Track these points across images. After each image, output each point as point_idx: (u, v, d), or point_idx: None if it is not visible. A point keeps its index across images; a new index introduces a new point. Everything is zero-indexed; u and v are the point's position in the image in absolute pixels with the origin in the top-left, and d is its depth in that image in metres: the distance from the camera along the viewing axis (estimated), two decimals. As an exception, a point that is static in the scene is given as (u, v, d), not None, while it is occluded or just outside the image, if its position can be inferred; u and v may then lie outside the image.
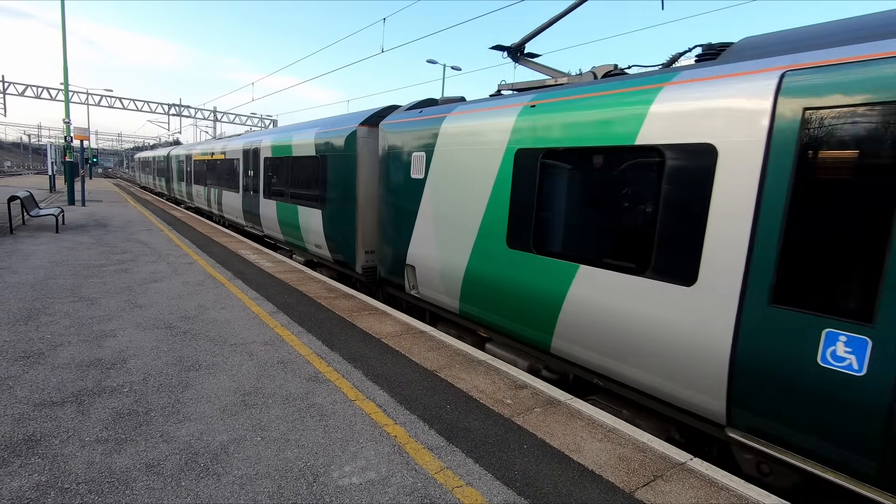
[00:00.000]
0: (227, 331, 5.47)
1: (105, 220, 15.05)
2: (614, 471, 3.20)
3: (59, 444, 3.10)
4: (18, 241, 10.27)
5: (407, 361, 4.90)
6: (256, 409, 3.73)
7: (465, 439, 3.49)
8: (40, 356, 4.43)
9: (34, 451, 3.00)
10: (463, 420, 3.77)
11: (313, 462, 3.09)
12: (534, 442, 3.51)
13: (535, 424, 3.77)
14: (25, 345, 4.66)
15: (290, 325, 5.81)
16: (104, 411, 3.54)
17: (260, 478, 2.89)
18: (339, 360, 4.81)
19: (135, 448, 3.11)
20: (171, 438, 3.25)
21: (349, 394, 4.09)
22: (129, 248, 10.42)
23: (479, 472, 3.09)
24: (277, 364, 4.62)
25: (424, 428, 3.61)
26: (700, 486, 3.07)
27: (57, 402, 3.63)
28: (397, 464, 3.13)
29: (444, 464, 3.16)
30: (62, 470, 2.84)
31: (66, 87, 19.07)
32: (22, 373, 4.07)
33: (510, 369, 4.86)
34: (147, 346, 4.84)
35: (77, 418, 3.42)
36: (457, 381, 4.50)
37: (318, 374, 4.45)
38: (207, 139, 25.40)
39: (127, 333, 5.17)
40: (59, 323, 5.34)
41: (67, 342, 4.81)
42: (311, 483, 2.88)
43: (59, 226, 12.57)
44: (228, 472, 2.92)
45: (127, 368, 4.30)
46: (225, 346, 4.98)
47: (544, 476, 3.10)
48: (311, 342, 5.28)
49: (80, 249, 9.84)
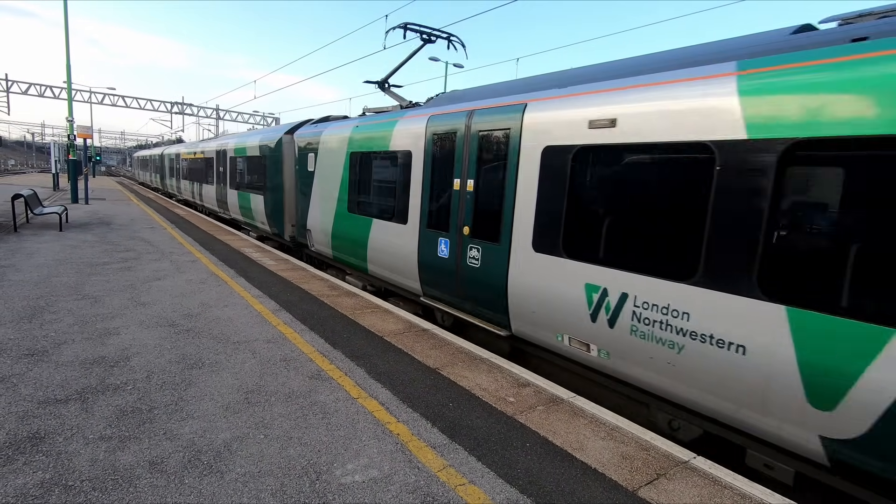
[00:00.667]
0: (229, 329, 5.48)
1: (108, 219, 15.09)
2: (617, 469, 3.20)
3: (63, 441, 3.11)
4: (22, 240, 10.31)
5: (409, 359, 4.90)
6: (259, 406, 3.74)
7: (467, 437, 3.48)
8: (44, 354, 4.45)
9: (38, 448, 3.02)
10: (465, 418, 3.77)
11: (316, 460, 3.09)
12: (536, 440, 3.50)
13: (537, 422, 3.76)
14: (29, 342, 4.68)
15: (293, 323, 5.82)
16: (108, 409, 3.55)
17: (263, 475, 2.90)
18: (342, 358, 4.82)
19: (138, 445, 3.12)
20: (174, 436, 3.25)
21: (352, 392, 4.10)
22: (132, 246, 10.45)
23: (481, 471, 3.09)
24: (280, 362, 4.63)
25: (427, 426, 3.61)
26: (703, 485, 3.07)
27: (61, 399, 3.64)
28: (400, 462, 3.14)
29: (446, 462, 3.16)
30: (66, 467, 2.85)
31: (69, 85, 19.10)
32: (26, 370, 4.08)
33: (513, 367, 4.86)
34: (150, 344, 4.85)
35: (81, 416, 3.43)
36: (459, 378, 4.49)
37: (320, 372, 4.45)
38: (194, 141, 29.36)
39: (130, 331, 5.18)
40: (63, 321, 5.36)
41: (71, 340, 4.83)
42: (313, 481, 2.88)
43: (63, 224, 12.61)
44: (231, 470, 2.93)
45: (130, 366, 4.31)
46: (228, 344, 4.99)
47: (547, 474, 3.10)
48: (313, 340, 5.29)
49: (84, 247, 9.88)
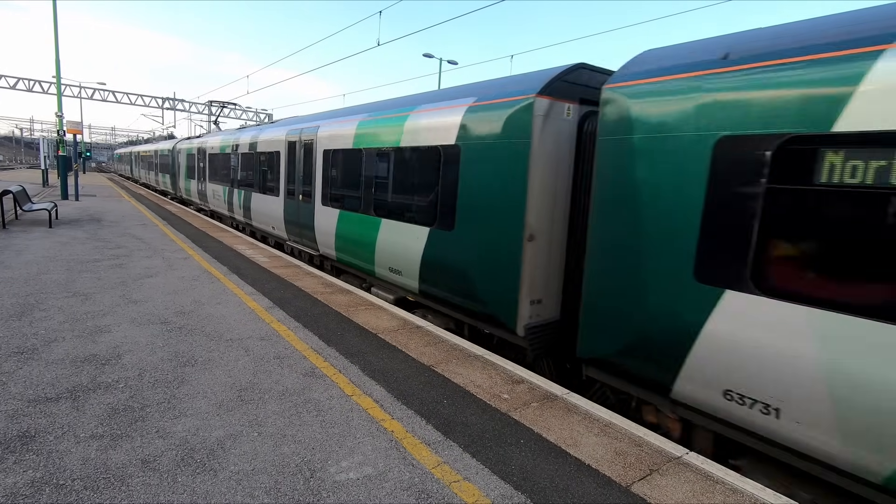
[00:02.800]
0: (222, 326, 5.45)
1: (99, 215, 14.94)
2: (611, 465, 3.22)
3: (54, 440, 3.08)
4: (11, 236, 10.18)
5: (404, 356, 4.89)
6: (253, 404, 3.72)
7: (462, 434, 3.49)
8: (34, 352, 4.40)
9: (29, 447, 2.98)
10: (460, 415, 3.77)
11: (310, 457, 3.09)
12: (531, 436, 3.52)
13: (532, 419, 3.78)
14: (19, 340, 4.63)
15: (287, 321, 5.80)
16: (99, 407, 3.52)
17: (257, 473, 2.89)
18: (336, 356, 4.81)
19: (130, 444, 3.09)
20: (166, 434, 3.23)
21: (346, 389, 4.09)
22: (123, 242, 10.35)
23: (476, 467, 3.10)
24: (274, 359, 4.61)
25: (422, 423, 3.62)
26: (696, 480, 3.09)
27: (52, 398, 3.61)
28: (394, 459, 3.14)
29: (441, 458, 3.17)
30: (57, 466, 2.82)
31: (58, 79, 18.83)
32: (16, 369, 4.04)
33: (507, 364, 4.87)
34: (142, 342, 4.81)
35: (72, 414, 3.40)
36: (454, 375, 4.50)
37: (314, 370, 4.44)
38: (158, 138, 40.65)
39: (122, 329, 5.14)
40: (54, 318, 5.30)
41: (62, 338, 4.77)
42: (308, 478, 2.87)
43: (53, 220, 12.47)
44: (225, 468, 2.91)
45: (122, 364, 4.27)
46: (221, 342, 4.96)
47: (541, 470, 3.11)
48: (307, 337, 5.27)
49: (74, 244, 9.77)
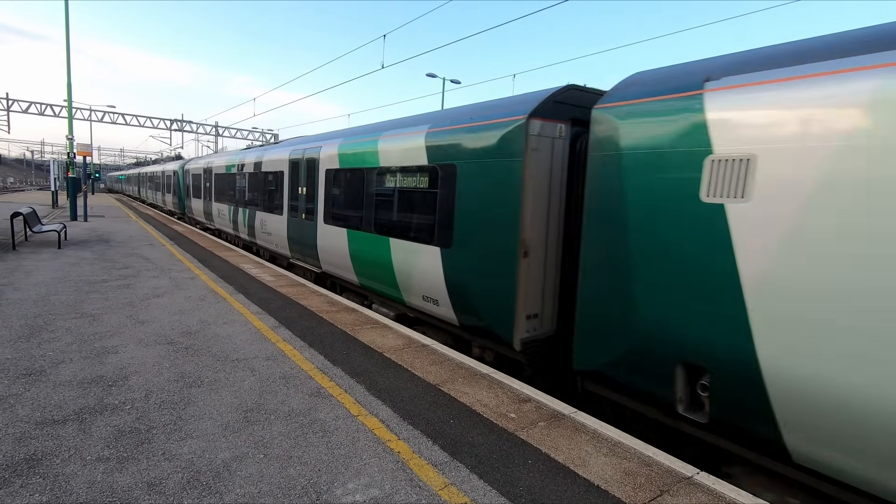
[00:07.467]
0: (229, 346, 5.46)
1: (107, 236, 15.10)
2: (620, 486, 3.17)
3: (61, 463, 3.08)
4: (21, 258, 10.29)
5: (409, 376, 4.87)
6: (259, 425, 3.71)
7: (469, 454, 3.46)
8: (42, 374, 4.42)
9: (35, 470, 2.98)
10: (467, 435, 3.74)
11: (316, 479, 3.06)
12: (538, 457, 3.48)
13: (539, 439, 3.74)
14: (27, 362, 4.65)
15: (293, 340, 5.80)
16: (106, 429, 3.52)
17: (263, 496, 2.87)
18: (342, 375, 4.79)
19: (136, 466, 3.08)
20: (172, 456, 3.22)
21: (352, 409, 4.07)
22: (130, 263, 10.44)
23: (483, 489, 3.06)
24: (280, 380, 4.60)
25: (428, 443, 3.59)
26: (708, 501, 3.04)
27: (58, 420, 3.61)
28: (401, 480, 3.11)
29: (448, 480, 3.14)
30: (63, 489, 2.82)
31: (69, 103, 19.25)
32: (24, 391, 4.05)
33: (513, 383, 4.84)
34: (149, 363, 4.82)
35: (78, 437, 3.40)
36: (460, 395, 4.47)
37: (320, 390, 4.42)
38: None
39: (129, 350, 5.16)
40: (61, 339, 5.34)
41: (69, 359, 4.80)
42: (314, 501, 2.85)
43: (62, 241, 12.61)
44: (231, 490, 2.90)
45: (129, 385, 4.28)
46: (227, 362, 4.97)
47: (550, 492, 3.07)
48: (313, 357, 5.27)
49: (83, 265, 9.86)
